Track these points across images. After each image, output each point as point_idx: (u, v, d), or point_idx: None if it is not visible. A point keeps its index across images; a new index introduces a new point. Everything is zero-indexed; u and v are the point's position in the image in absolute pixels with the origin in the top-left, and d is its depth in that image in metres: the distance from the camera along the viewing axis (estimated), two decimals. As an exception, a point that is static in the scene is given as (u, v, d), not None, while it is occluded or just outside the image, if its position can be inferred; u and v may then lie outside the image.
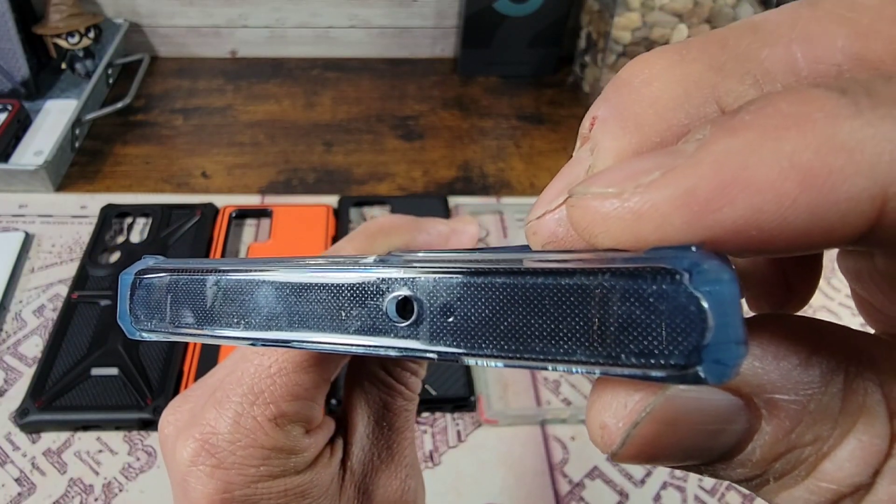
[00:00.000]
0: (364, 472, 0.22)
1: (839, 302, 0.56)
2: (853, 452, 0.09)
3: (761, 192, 0.08)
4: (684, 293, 0.08)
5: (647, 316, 0.09)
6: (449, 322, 0.10)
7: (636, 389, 0.10)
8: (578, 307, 0.09)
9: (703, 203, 0.09)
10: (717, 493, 0.45)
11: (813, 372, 0.10)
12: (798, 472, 0.10)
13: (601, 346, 0.09)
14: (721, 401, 0.10)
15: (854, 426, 0.09)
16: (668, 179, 0.09)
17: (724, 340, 0.08)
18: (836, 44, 0.10)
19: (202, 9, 0.80)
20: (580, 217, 0.10)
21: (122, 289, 0.15)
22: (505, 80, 0.82)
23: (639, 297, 0.09)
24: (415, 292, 0.11)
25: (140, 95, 0.76)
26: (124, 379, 0.47)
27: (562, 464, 0.46)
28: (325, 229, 0.59)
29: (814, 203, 0.08)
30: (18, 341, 0.52)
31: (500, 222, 0.64)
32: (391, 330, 0.11)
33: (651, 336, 0.09)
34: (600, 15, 0.74)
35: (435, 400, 0.48)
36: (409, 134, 0.74)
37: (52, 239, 0.59)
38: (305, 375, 0.20)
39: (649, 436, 0.10)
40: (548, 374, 0.51)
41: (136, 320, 0.15)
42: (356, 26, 0.83)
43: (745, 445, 0.10)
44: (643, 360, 0.09)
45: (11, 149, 0.66)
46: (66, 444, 0.46)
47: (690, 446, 0.10)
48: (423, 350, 0.11)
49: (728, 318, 0.08)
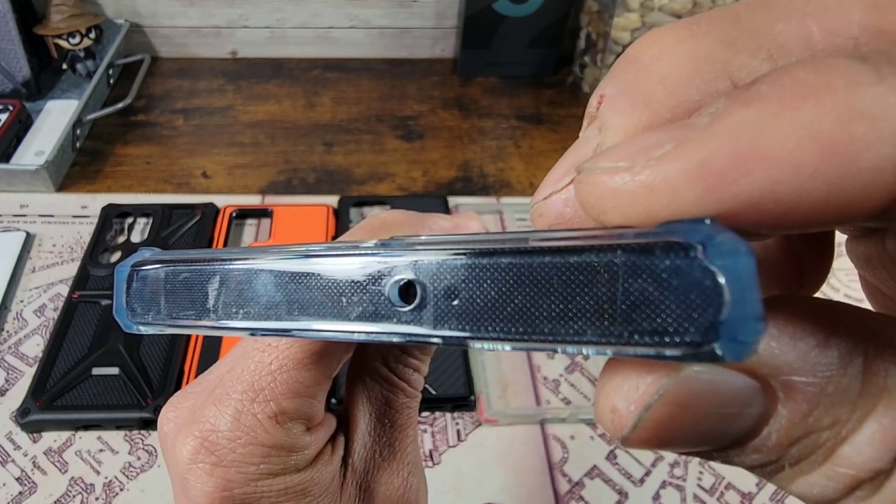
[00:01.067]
0: (366, 470, 0.22)
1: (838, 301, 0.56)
2: (873, 436, 0.09)
3: (779, 162, 0.08)
4: (699, 267, 0.08)
5: (660, 292, 0.08)
6: (454, 305, 0.10)
7: (648, 371, 0.09)
8: (588, 286, 0.09)
9: (718, 175, 0.08)
10: (716, 492, 0.45)
11: (831, 353, 0.09)
12: (815, 458, 0.09)
13: (612, 325, 0.09)
14: (737, 383, 0.09)
15: (874, 409, 0.09)
16: (680, 152, 0.09)
17: (742, 316, 0.08)
18: (852, 16, 0.10)
19: (203, 9, 0.81)
20: (589, 193, 0.10)
21: (118, 282, 0.15)
22: (505, 80, 0.82)
23: (651, 272, 0.08)
24: (417, 276, 0.10)
25: (141, 96, 0.76)
26: (125, 378, 0.48)
27: (561, 463, 0.46)
28: (326, 229, 0.59)
29: (834, 173, 0.08)
30: (19, 341, 0.52)
31: (500, 222, 0.64)
32: (394, 315, 0.11)
33: (665, 313, 0.08)
34: (600, 15, 0.74)
35: (435, 399, 0.48)
36: (409, 134, 0.74)
37: (52, 239, 0.59)
38: (306, 372, 0.20)
39: (662, 419, 0.09)
40: (547, 374, 0.51)
41: (132, 314, 0.15)
42: (356, 27, 0.83)
43: (761, 430, 0.09)
44: (657, 339, 0.08)
45: (13, 149, 0.67)
46: (66, 443, 0.46)
47: (704, 431, 0.10)
48: (427, 335, 0.10)
49: (745, 292, 0.08)
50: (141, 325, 0.15)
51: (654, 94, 0.11)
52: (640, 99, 0.11)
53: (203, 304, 0.13)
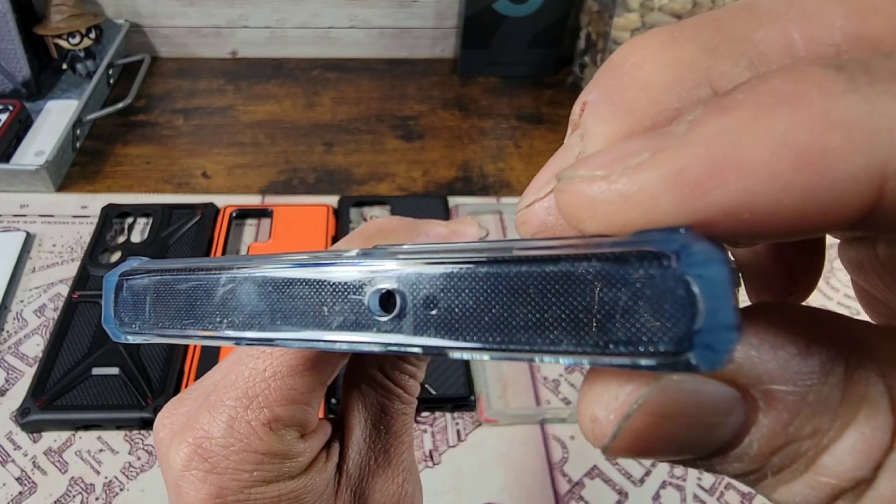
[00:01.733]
0: (360, 477, 0.21)
1: (837, 301, 0.56)
2: (854, 445, 0.09)
3: (754, 172, 0.08)
4: (672, 276, 0.08)
5: (635, 302, 0.08)
6: (432, 315, 0.10)
7: (628, 380, 0.09)
8: (563, 295, 0.09)
9: (693, 184, 0.08)
10: (715, 492, 0.45)
11: (812, 362, 0.09)
12: (797, 467, 0.09)
13: (588, 335, 0.09)
14: (717, 392, 0.09)
15: (855, 418, 0.09)
16: (656, 160, 0.09)
17: (716, 326, 0.08)
18: (834, 23, 0.10)
19: (203, 9, 0.81)
20: (567, 202, 0.10)
21: (106, 291, 0.15)
22: (504, 80, 0.82)
23: (625, 282, 0.08)
24: (398, 285, 0.10)
25: (141, 96, 0.76)
26: (125, 378, 0.48)
27: (561, 463, 0.46)
28: (326, 229, 0.59)
29: (808, 184, 0.08)
30: (19, 341, 0.52)
31: (500, 222, 0.64)
32: (374, 324, 0.11)
33: (639, 323, 0.08)
34: (600, 15, 0.74)
35: (435, 399, 0.48)
36: (408, 134, 0.74)
37: (53, 239, 0.59)
38: (300, 379, 0.20)
39: (641, 429, 0.09)
40: (547, 374, 0.51)
41: (120, 323, 0.14)
42: (356, 27, 0.83)
43: (742, 439, 0.09)
44: (632, 349, 0.08)
45: (13, 149, 0.67)
46: (66, 443, 0.46)
47: (685, 440, 0.10)
48: (406, 344, 0.10)
49: (719, 301, 0.08)
50: (129, 335, 0.15)
51: (635, 102, 0.11)
52: (622, 107, 0.11)
53: (188, 313, 0.13)
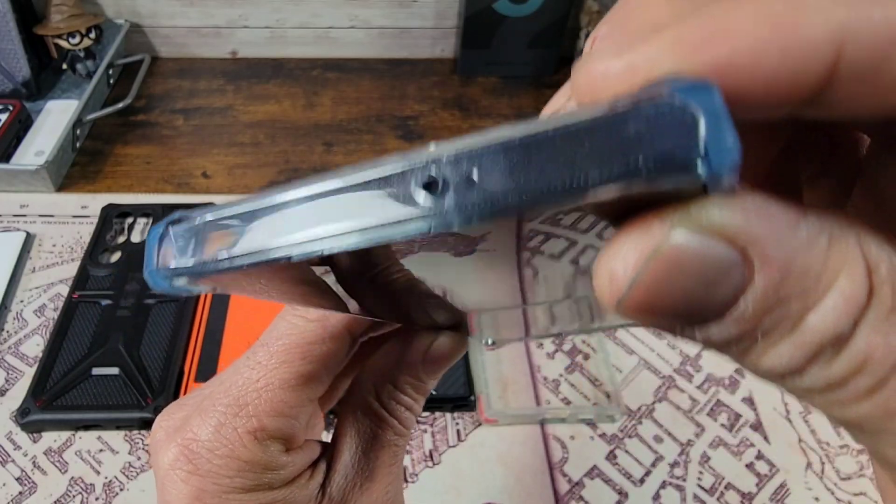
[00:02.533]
0: (342, 500, 0.22)
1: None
2: (836, 303, 0.10)
3: (741, 36, 0.10)
4: (673, 106, 0.09)
5: (648, 130, 0.09)
6: (473, 186, 0.11)
7: (643, 235, 0.11)
8: (588, 143, 0.10)
9: (690, 47, 0.10)
10: (716, 492, 0.45)
11: (800, 233, 0.10)
12: (784, 326, 0.11)
13: (612, 164, 0.10)
14: (721, 250, 0.10)
15: (836, 280, 0.10)
16: (661, 34, 0.11)
17: (718, 138, 0.09)
18: None
19: (203, 9, 0.81)
20: (584, 82, 0.11)
21: (149, 242, 0.15)
22: (505, 80, 0.82)
23: (637, 117, 0.10)
24: (439, 169, 0.11)
25: (141, 96, 0.76)
26: (125, 378, 0.48)
27: (561, 463, 0.46)
28: (326, 229, 0.59)
29: (783, 44, 0.10)
30: (19, 341, 0.52)
31: (500, 222, 0.64)
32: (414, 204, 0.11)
33: (654, 145, 0.09)
34: (600, 15, 0.74)
35: (435, 399, 0.48)
36: (409, 134, 0.74)
37: (53, 239, 0.59)
38: (291, 393, 0.20)
39: (654, 280, 0.10)
40: (547, 374, 0.51)
41: (163, 269, 0.14)
42: (356, 27, 0.83)
43: (739, 300, 0.11)
44: (650, 167, 0.09)
45: (12, 149, 0.67)
46: (66, 443, 0.46)
47: (691, 296, 0.11)
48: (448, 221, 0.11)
49: (719, 120, 0.09)
50: (174, 278, 0.14)
51: (640, 32, 0.12)
52: (630, 35, 0.12)
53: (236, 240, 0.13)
